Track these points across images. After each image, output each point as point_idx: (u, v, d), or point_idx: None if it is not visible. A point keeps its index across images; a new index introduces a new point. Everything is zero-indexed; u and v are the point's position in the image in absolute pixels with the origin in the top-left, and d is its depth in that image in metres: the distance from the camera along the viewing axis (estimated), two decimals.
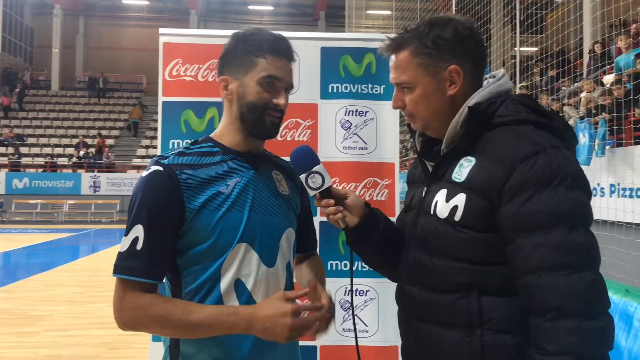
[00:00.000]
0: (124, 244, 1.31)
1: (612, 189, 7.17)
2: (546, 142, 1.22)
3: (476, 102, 1.31)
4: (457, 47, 1.31)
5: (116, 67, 29.70)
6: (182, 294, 1.37)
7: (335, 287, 2.60)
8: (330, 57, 2.72)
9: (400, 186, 2.82)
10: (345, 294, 2.65)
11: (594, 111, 8.00)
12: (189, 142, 1.48)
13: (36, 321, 6.13)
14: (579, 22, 12.40)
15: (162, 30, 2.73)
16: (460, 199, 1.26)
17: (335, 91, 2.73)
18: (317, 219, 2.60)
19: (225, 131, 1.45)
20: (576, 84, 10.12)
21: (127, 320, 1.30)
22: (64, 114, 27.00)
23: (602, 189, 7.28)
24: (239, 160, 1.42)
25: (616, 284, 3.06)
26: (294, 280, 1.54)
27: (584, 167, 6.71)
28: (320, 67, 2.71)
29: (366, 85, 2.73)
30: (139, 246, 1.29)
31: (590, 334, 1.13)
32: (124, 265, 1.30)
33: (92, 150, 23.51)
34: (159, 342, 2.53)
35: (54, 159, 23.34)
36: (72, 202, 20.93)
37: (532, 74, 13.18)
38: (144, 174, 1.36)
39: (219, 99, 2.95)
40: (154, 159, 1.40)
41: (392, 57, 1.37)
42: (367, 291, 2.69)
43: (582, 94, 9.03)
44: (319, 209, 1.42)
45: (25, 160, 23.28)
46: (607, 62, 9.88)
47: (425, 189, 1.38)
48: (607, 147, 7.32)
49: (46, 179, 21.74)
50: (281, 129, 1.47)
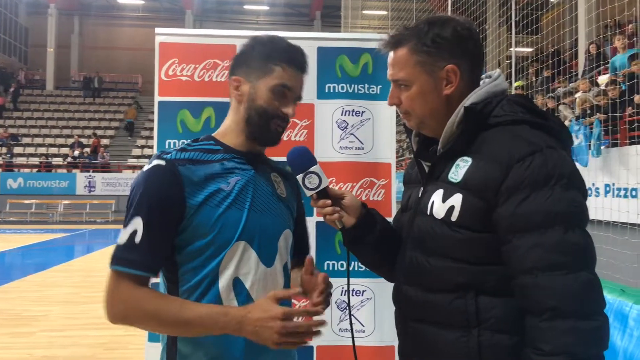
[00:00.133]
0: (122, 236, 1.30)
1: (607, 189, 7.20)
2: (542, 142, 1.23)
3: (472, 102, 1.31)
4: (455, 47, 1.32)
5: (111, 66, 29.59)
6: (179, 291, 1.36)
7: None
8: (326, 57, 2.72)
9: (396, 186, 2.82)
10: (341, 294, 2.65)
11: (588, 111, 8.03)
12: (186, 141, 1.48)
13: (31, 322, 6.10)
14: (574, 22, 12.45)
15: (158, 29, 2.72)
16: (456, 199, 1.26)
17: (331, 91, 2.73)
18: (314, 219, 2.60)
19: (228, 131, 1.46)
20: (572, 84, 10.16)
21: (118, 312, 1.29)
22: (59, 113, 26.89)
23: (597, 189, 7.31)
24: (239, 159, 1.43)
25: (611, 284, 3.07)
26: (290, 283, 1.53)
27: (581, 168, 6.75)
28: (316, 67, 2.71)
29: (363, 85, 2.73)
30: (138, 239, 1.28)
31: (585, 334, 1.13)
32: (122, 257, 1.29)
33: (88, 150, 23.43)
34: (154, 342, 2.52)
35: (49, 158, 23.24)
36: (67, 202, 20.84)
37: (528, 75, 13.21)
38: (146, 167, 1.36)
39: (215, 99, 2.95)
40: (156, 153, 1.40)
41: (391, 53, 1.37)
42: (363, 291, 2.69)
43: (578, 94, 9.06)
44: (315, 209, 1.42)
45: (19, 160, 23.17)
46: (602, 62, 9.92)
47: (421, 189, 1.39)
48: (602, 147, 7.35)
49: (41, 179, 21.62)
50: (281, 128, 1.47)
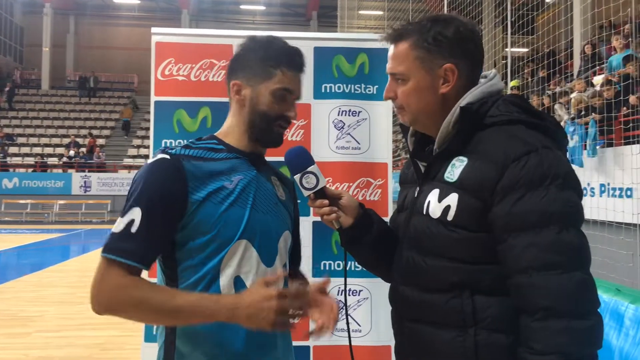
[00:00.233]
0: (118, 225, 1.29)
1: (602, 188, 7.22)
2: (538, 142, 1.23)
3: (468, 102, 1.32)
4: (456, 47, 1.32)
5: (107, 66, 29.51)
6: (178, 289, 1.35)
7: (328, 287, 2.60)
8: (323, 57, 2.73)
9: (392, 186, 2.83)
10: (338, 294, 2.66)
11: (583, 112, 8.06)
12: (183, 142, 1.48)
13: (27, 322, 6.08)
14: (569, 23, 12.48)
15: (154, 29, 2.72)
16: (452, 199, 1.26)
17: (328, 91, 2.73)
18: (311, 219, 2.60)
19: (230, 132, 1.47)
20: (568, 85, 10.19)
21: (105, 301, 1.26)
22: (54, 113, 26.80)
23: (593, 188, 7.34)
24: (242, 159, 1.44)
25: (607, 283, 3.08)
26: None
27: (576, 168, 6.76)
28: (313, 67, 2.71)
29: (359, 85, 2.74)
30: (134, 229, 1.27)
31: (578, 333, 1.14)
32: (116, 246, 1.27)
33: (84, 150, 23.35)
34: (151, 342, 2.52)
35: (44, 158, 23.16)
36: (62, 202, 20.77)
37: (523, 75, 13.24)
38: (150, 160, 1.36)
39: (211, 99, 2.95)
40: (160, 149, 1.40)
41: (391, 47, 1.38)
42: (360, 291, 2.70)
43: (573, 94, 9.09)
44: (312, 209, 1.42)
45: (15, 160, 23.07)
46: (597, 63, 9.95)
47: (417, 189, 1.39)
48: (597, 147, 7.38)
49: (36, 178, 21.55)
50: (283, 130, 1.48)
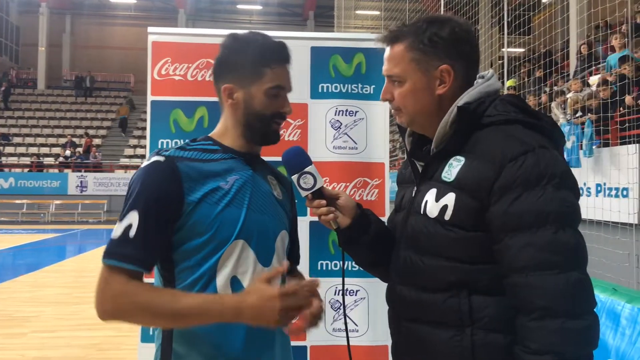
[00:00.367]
0: (116, 231, 1.29)
1: (599, 188, 7.24)
2: (535, 142, 1.23)
3: (465, 102, 1.32)
4: (451, 48, 1.32)
5: (103, 66, 29.44)
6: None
7: (325, 287, 2.60)
8: (320, 57, 2.72)
9: (390, 186, 2.83)
10: (335, 294, 2.66)
11: (580, 113, 8.07)
12: (180, 142, 1.48)
13: (23, 322, 6.06)
14: (566, 23, 12.51)
15: (150, 28, 2.72)
16: (449, 199, 1.27)
17: (325, 91, 2.73)
18: (308, 219, 2.60)
19: (225, 132, 1.46)
20: (565, 85, 10.21)
21: (109, 308, 1.27)
22: (51, 113, 26.72)
23: (589, 188, 7.35)
24: (237, 159, 1.43)
25: (604, 283, 3.09)
26: None
27: (574, 169, 6.78)
28: (310, 67, 2.71)
29: (356, 85, 2.74)
30: (132, 233, 1.27)
31: (573, 333, 1.14)
32: (116, 251, 1.28)
33: (80, 149, 23.28)
34: (148, 342, 2.52)
35: (40, 158, 23.09)
36: (58, 202, 20.71)
37: (520, 75, 13.27)
38: (145, 163, 1.36)
39: (208, 99, 2.94)
40: (155, 151, 1.40)
41: (387, 48, 1.38)
42: (357, 291, 2.69)
43: (569, 94, 9.11)
44: (309, 209, 1.42)
45: (11, 159, 22.99)
46: (593, 63, 9.98)
47: (415, 188, 1.39)
48: (593, 147, 7.39)
49: (32, 178, 21.47)
50: (280, 126, 1.48)
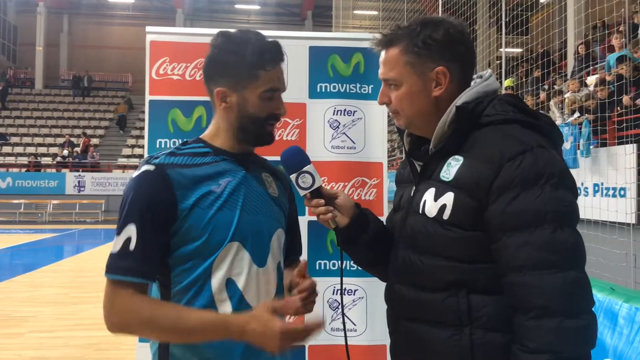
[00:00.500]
0: (116, 245, 1.30)
1: (596, 188, 7.25)
2: (533, 141, 1.24)
3: (464, 101, 1.32)
4: (446, 50, 1.32)
5: (101, 65, 29.38)
6: (171, 293, 1.36)
7: (323, 286, 2.60)
8: (318, 57, 2.72)
9: (388, 186, 2.83)
10: (333, 294, 2.66)
11: (577, 114, 8.09)
12: (178, 142, 1.47)
13: (21, 322, 6.05)
14: (563, 23, 12.53)
15: (149, 28, 2.71)
16: (448, 198, 1.27)
17: (323, 91, 2.73)
18: (306, 219, 2.60)
19: (218, 134, 1.45)
20: (563, 85, 10.22)
21: (117, 322, 1.29)
22: (48, 112, 26.66)
23: (587, 188, 7.36)
24: (229, 161, 1.42)
25: (601, 282, 3.09)
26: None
27: (572, 169, 6.78)
28: (308, 67, 2.71)
29: (354, 85, 2.74)
30: (132, 246, 1.28)
31: (571, 332, 1.14)
32: (118, 265, 1.28)
33: (77, 149, 23.23)
34: (145, 342, 2.51)
35: (38, 158, 23.03)
36: (56, 202, 20.66)
37: (518, 75, 13.29)
38: (135, 173, 1.35)
39: (206, 98, 2.92)
40: (144, 158, 1.39)
41: (383, 52, 1.38)
42: (355, 290, 2.70)
43: (567, 94, 9.12)
44: (308, 208, 1.42)
45: (8, 159, 22.92)
46: (591, 63, 9.99)
47: (413, 188, 1.39)
48: (591, 147, 7.40)
49: (30, 178, 21.41)
50: (274, 127, 1.47)
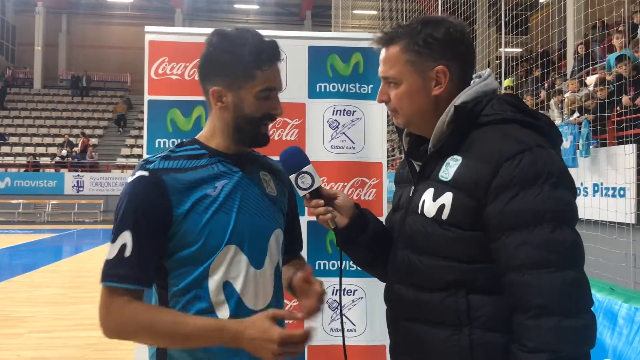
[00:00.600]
0: (111, 252, 1.29)
1: (596, 188, 7.25)
2: (532, 141, 1.24)
3: (462, 101, 1.32)
4: (446, 49, 1.32)
5: (100, 65, 29.37)
6: (168, 296, 1.35)
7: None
8: (317, 57, 2.72)
9: (387, 186, 2.83)
10: (333, 294, 2.65)
11: (577, 114, 8.09)
12: (176, 142, 1.46)
13: (19, 323, 6.04)
14: (563, 23, 12.54)
15: (148, 28, 2.71)
16: (447, 198, 1.27)
17: (322, 90, 2.73)
18: (305, 219, 2.59)
19: (213, 135, 1.42)
20: (563, 84, 10.23)
21: (113, 328, 1.28)
22: (47, 112, 26.64)
23: (586, 188, 7.36)
24: (225, 162, 1.40)
25: (601, 282, 3.10)
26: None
27: (571, 169, 6.77)
28: (307, 67, 2.71)
29: (354, 84, 2.73)
30: (128, 253, 1.27)
31: (570, 332, 1.14)
32: (114, 272, 1.27)
33: (76, 149, 23.21)
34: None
35: (37, 158, 23.02)
36: (55, 202, 20.65)
37: (518, 75, 13.29)
38: (130, 179, 1.34)
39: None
40: (139, 163, 1.38)
41: (383, 50, 1.38)
42: (355, 290, 2.70)
43: (566, 94, 9.13)
44: (307, 208, 1.42)
45: (7, 159, 22.91)
46: (590, 63, 10.00)
47: (412, 188, 1.39)
48: (590, 147, 7.40)
49: (28, 178, 21.40)
50: (268, 128, 1.46)
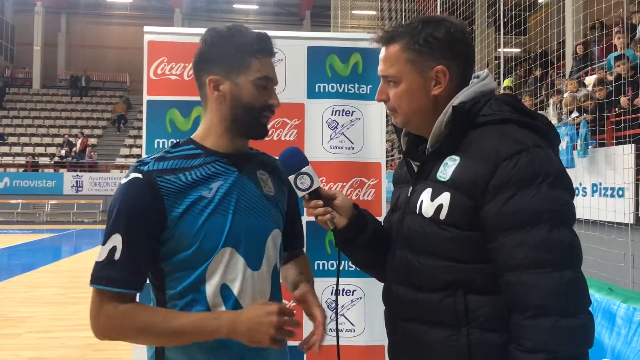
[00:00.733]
0: (101, 254, 1.28)
1: (594, 188, 7.26)
2: (529, 141, 1.24)
3: (460, 101, 1.32)
4: (447, 48, 1.32)
5: (99, 65, 29.35)
6: (166, 298, 1.34)
7: (321, 287, 2.60)
8: (316, 57, 2.72)
9: (386, 186, 2.83)
10: (331, 294, 2.66)
11: (576, 114, 8.10)
12: (173, 141, 1.46)
13: (18, 323, 6.03)
14: (561, 24, 12.55)
15: (147, 28, 2.71)
16: (445, 198, 1.27)
17: (321, 91, 2.73)
18: (304, 219, 2.58)
19: (209, 132, 1.41)
20: (561, 84, 10.24)
21: (105, 330, 1.27)
22: (46, 112, 26.62)
23: (585, 188, 7.37)
24: (222, 162, 1.38)
25: (599, 283, 3.10)
26: (280, 280, 1.51)
27: (568, 169, 6.78)
28: (306, 67, 2.71)
29: (353, 85, 2.74)
30: (117, 256, 1.26)
31: (567, 332, 1.14)
32: (102, 275, 1.26)
33: (75, 149, 23.18)
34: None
35: (36, 158, 23.00)
36: (54, 202, 20.63)
37: (516, 75, 13.31)
38: (123, 181, 1.32)
39: None
40: (133, 164, 1.36)
41: (383, 49, 1.38)
42: (353, 291, 2.70)
43: (565, 94, 9.13)
44: (306, 209, 1.42)
45: (6, 159, 22.88)
46: (589, 63, 10.01)
47: (410, 188, 1.39)
48: (589, 147, 7.41)
49: (27, 178, 21.37)
50: (269, 120, 1.45)
